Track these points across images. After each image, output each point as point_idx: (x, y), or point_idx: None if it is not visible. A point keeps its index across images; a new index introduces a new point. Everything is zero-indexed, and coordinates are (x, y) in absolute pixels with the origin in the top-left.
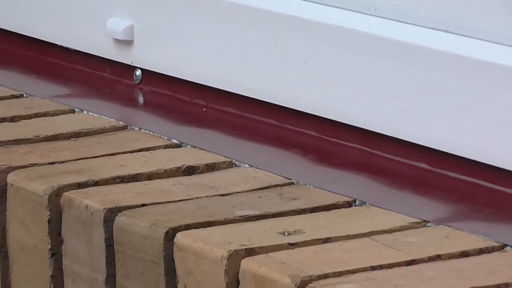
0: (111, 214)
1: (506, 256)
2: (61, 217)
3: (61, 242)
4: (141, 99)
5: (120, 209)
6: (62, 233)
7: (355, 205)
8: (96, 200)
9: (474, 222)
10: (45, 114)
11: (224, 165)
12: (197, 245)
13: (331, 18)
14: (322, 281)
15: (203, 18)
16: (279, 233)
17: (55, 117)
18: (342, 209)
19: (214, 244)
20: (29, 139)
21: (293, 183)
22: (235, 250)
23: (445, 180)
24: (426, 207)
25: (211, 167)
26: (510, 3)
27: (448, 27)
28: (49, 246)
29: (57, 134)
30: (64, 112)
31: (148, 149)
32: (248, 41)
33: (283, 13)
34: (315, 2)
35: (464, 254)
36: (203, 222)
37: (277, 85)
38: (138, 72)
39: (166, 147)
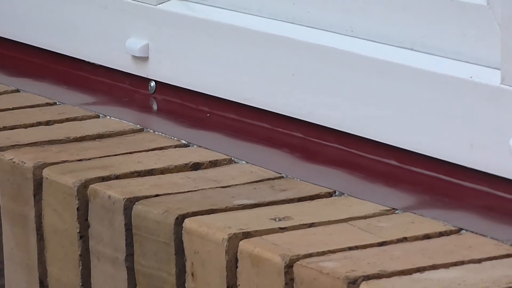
0: (130, 203)
1: (462, 238)
2: (87, 205)
3: (88, 226)
4: (155, 106)
5: (137, 199)
6: (88, 218)
7: (335, 196)
8: (117, 191)
9: (435, 209)
10: (74, 119)
11: (224, 162)
12: (202, 229)
13: (314, 38)
14: (307, 259)
15: (207, 38)
16: (271, 219)
17: (82, 121)
18: (324, 198)
19: (217, 228)
20: (61, 140)
21: (283, 177)
22: (234, 233)
23: (410, 174)
24: (394, 197)
25: (213, 164)
26: (464, 26)
27: (413, 46)
28: (77, 230)
29: (84, 136)
30: (90, 117)
31: (161, 148)
32: (245, 57)
33: (274, 34)
34: (301, 25)
35: (427, 237)
36: (207, 210)
37: (269, 94)
38: (153, 84)
39: (176, 146)
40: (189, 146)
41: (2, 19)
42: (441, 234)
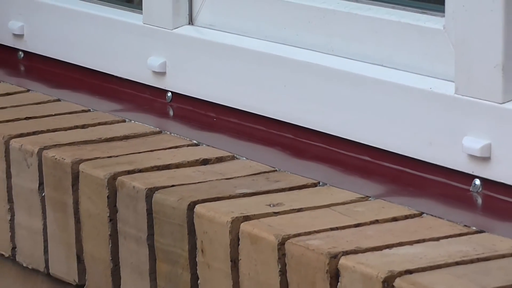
0: (150, 192)
1: (423, 220)
2: (116, 194)
3: (116, 211)
4: (171, 113)
5: (156, 189)
6: (117, 205)
7: (319, 186)
8: (140, 182)
9: (401, 197)
10: (105, 123)
11: (228, 158)
12: (210, 213)
13: (302, 56)
14: (297, 238)
15: (213, 56)
16: (267, 205)
17: (112, 125)
18: (310, 188)
19: (222, 212)
20: (94, 140)
21: (276, 170)
22: (236, 217)
23: (381, 168)
24: (368, 187)
25: (219, 159)
26: (424, 46)
27: (383, 62)
28: (108, 214)
29: (113, 137)
30: (118, 122)
31: (176, 147)
32: (245, 72)
33: (269, 52)
34: (291, 45)
35: (394, 219)
36: (214, 197)
37: (265, 102)
38: (169, 94)
39: (188, 145)
40: (199, 145)
41: (47, 42)
42: (406, 217)
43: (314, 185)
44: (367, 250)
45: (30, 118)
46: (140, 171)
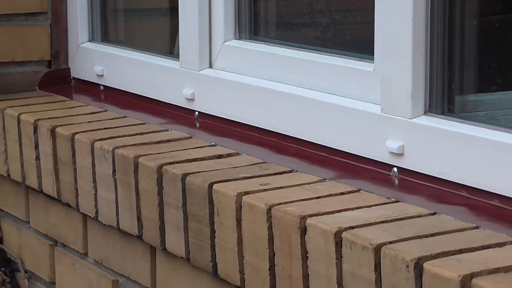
0: (184, 176)
1: (360, 194)
2: (162, 177)
3: (162, 188)
4: (197, 125)
5: (188, 174)
6: (163, 184)
7: (293, 172)
8: (177, 170)
9: (347, 179)
10: (155, 131)
11: (234, 154)
12: (223, 190)
13: (281, 88)
14: (279, 206)
15: (225, 89)
16: (259, 184)
17: (159, 133)
18: (287, 173)
19: (230, 189)
20: (148, 142)
21: (265, 162)
22: (240, 192)
23: (333, 161)
24: (324, 173)
25: (229, 155)
26: (361, 82)
27: (335, 92)
28: (157, 190)
29: (160, 140)
30: (163, 130)
31: (200, 147)
32: (245, 99)
33: (260, 86)
34: (274, 81)
35: (342, 194)
36: (225, 179)
37: (258, 118)
38: (197, 113)
39: (208, 146)
40: (215, 146)
41: (119, 80)
42: (349, 192)
43: (290, 171)
44: (324, 214)
45: (107, 128)
46: (178, 162)
